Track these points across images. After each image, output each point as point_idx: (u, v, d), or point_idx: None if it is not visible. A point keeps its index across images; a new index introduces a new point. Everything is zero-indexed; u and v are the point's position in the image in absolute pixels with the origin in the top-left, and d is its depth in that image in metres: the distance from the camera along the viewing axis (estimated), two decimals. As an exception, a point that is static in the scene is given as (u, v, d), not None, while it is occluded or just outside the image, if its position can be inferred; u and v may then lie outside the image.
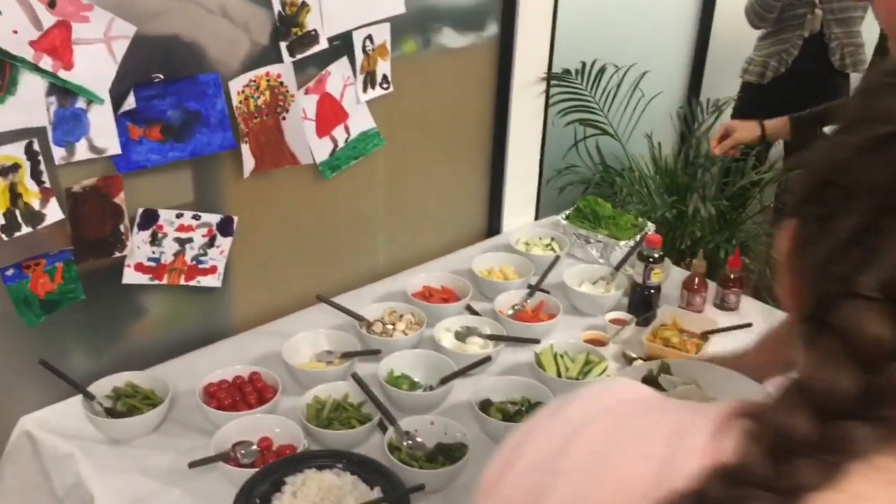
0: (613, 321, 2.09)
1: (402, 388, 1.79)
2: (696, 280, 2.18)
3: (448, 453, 1.58)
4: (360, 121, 2.12)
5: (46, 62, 1.52)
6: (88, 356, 1.82)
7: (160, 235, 1.83)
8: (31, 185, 1.59)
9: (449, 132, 2.40)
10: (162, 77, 1.71)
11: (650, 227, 2.42)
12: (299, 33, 1.90)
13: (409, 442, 1.60)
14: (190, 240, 1.88)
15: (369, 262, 2.35)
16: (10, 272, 1.63)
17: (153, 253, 1.84)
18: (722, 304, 2.22)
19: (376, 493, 1.42)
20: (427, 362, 1.86)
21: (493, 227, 2.66)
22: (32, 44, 1.50)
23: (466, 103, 2.42)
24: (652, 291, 2.14)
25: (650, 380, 1.52)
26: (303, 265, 2.19)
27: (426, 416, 1.66)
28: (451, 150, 2.44)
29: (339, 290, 2.26)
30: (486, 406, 1.72)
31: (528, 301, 2.15)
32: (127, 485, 1.54)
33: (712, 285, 2.24)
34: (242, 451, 1.57)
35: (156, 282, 1.86)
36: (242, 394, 1.73)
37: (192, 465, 1.50)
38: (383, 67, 2.11)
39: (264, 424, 1.64)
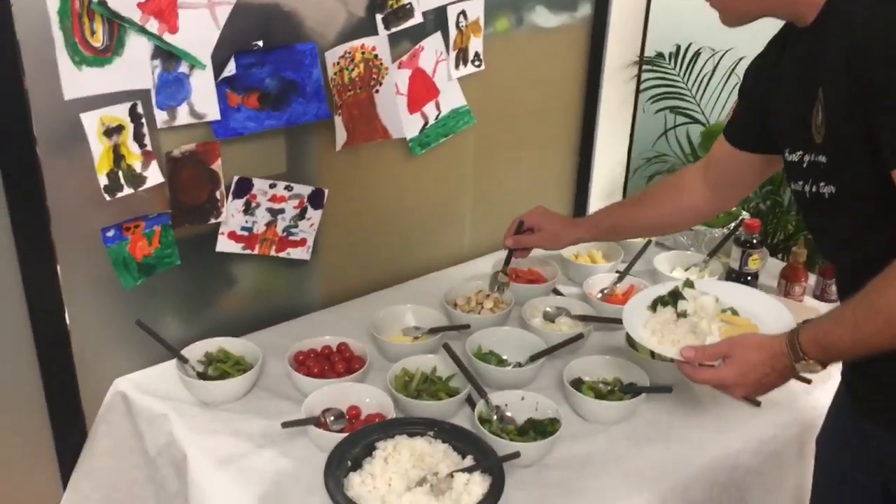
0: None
1: (489, 363, 1.75)
2: (797, 269, 2.09)
3: (539, 428, 1.54)
4: (452, 98, 2.10)
5: (153, 25, 1.55)
6: (181, 322, 1.84)
7: (253, 205, 1.84)
8: (133, 148, 1.62)
9: (538, 114, 2.36)
10: (261, 45, 1.72)
11: (745, 215, 2.33)
12: (395, 6, 1.89)
13: (499, 415, 1.57)
14: (282, 210, 1.89)
15: (455, 243, 2.33)
16: (110, 233, 1.65)
17: (246, 222, 1.85)
18: (822, 296, 2.12)
19: (468, 461, 1.39)
20: (516, 340, 1.82)
21: (578, 214, 2.60)
22: (140, 6, 1.52)
23: (557, 85, 2.38)
24: (749, 278, 2.06)
25: (675, 293, 1.54)
26: (389, 243, 2.18)
27: (517, 392, 1.62)
28: (540, 133, 2.40)
29: (424, 270, 2.25)
30: (577, 385, 1.67)
31: (618, 285, 2.09)
32: (219, 445, 1.54)
33: (812, 277, 2.15)
34: (332, 418, 1.56)
35: (248, 251, 1.88)
36: (331, 363, 1.72)
37: (285, 425, 1.50)
38: (476, 44, 2.09)
39: (353, 393, 1.63)
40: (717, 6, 1.36)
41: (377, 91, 1.93)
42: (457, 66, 2.08)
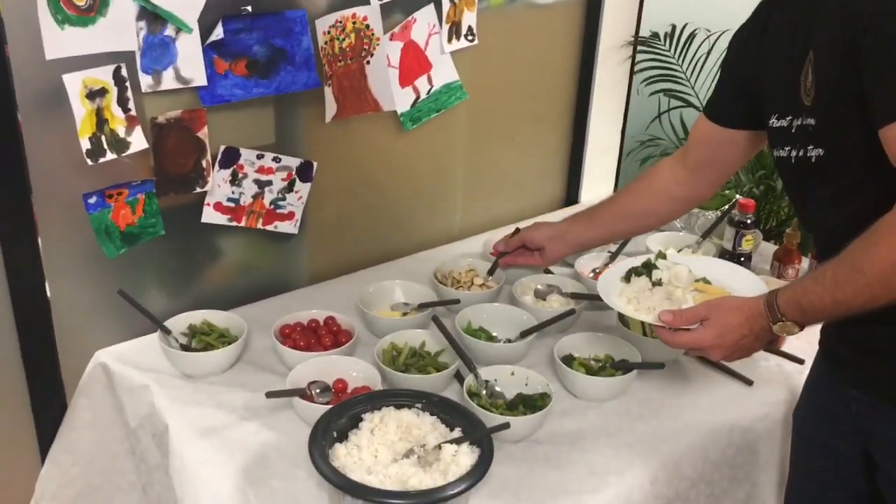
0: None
1: (479, 339, 1.72)
2: (790, 251, 2.06)
3: (530, 403, 1.51)
4: (444, 72, 2.07)
5: (138, -15, 1.51)
6: (165, 295, 1.81)
7: (240, 176, 1.80)
8: (117, 112, 1.58)
9: (531, 93, 2.33)
10: (250, 10, 1.68)
11: (738, 197, 2.31)
12: (387, -24, 1.86)
13: (489, 390, 1.54)
14: (269, 182, 1.86)
15: (446, 222, 2.30)
16: (92, 200, 1.61)
17: (233, 193, 1.81)
18: (815, 278, 2.09)
19: (456, 434, 1.36)
20: (506, 316, 1.79)
21: (570, 195, 2.58)
22: (125, -35, 1.48)
23: (551, 63, 2.35)
24: (742, 259, 2.04)
25: (648, 264, 1.54)
26: (378, 219, 2.14)
27: (506, 367, 1.59)
28: (533, 112, 2.37)
29: (414, 248, 2.22)
30: (568, 361, 1.65)
31: (610, 265, 2.06)
32: (201, 416, 1.51)
33: (805, 260, 2.13)
34: (318, 390, 1.52)
35: (234, 223, 1.84)
36: (317, 336, 1.69)
37: (270, 394, 1.46)
38: (469, 18, 2.06)
39: (340, 366, 1.59)
40: None
41: (368, 62, 1.90)
42: (449, 40, 2.04)
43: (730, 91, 1.54)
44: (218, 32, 1.63)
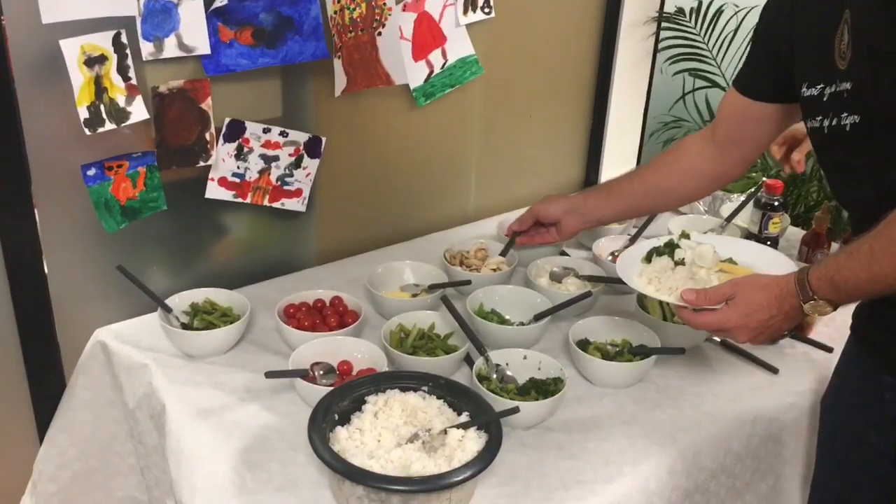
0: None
1: (492, 322, 1.65)
2: (820, 235, 1.97)
3: (542, 388, 1.44)
4: (459, 46, 1.99)
5: (138, -54, 1.45)
6: (168, 272, 1.75)
7: (246, 150, 1.74)
8: (116, 80, 1.52)
9: (550, 69, 2.25)
10: (255, -21, 1.61)
11: (765, 179, 2.22)
12: (400, -57, 1.78)
13: (500, 374, 1.47)
14: (276, 158, 1.79)
15: (460, 202, 2.22)
16: (91, 172, 1.56)
17: (238, 168, 1.75)
18: (845, 264, 2.00)
19: (464, 419, 1.29)
20: (519, 299, 1.72)
21: (590, 178, 2.49)
22: (125, -75, 1.42)
23: (570, 39, 2.27)
24: (769, 243, 1.95)
25: (671, 244, 1.47)
26: (390, 198, 2.07)
27: (518, 350, 1.52)
28: (552, 90, 2.29)
29: (427, 230, 2.15)
30: (583, 346, 1.57)
31: (629, 248, 1.98)
32: (200, 397, 1.45)
33: (835, 246, 2.04)
34: (321, 372, 1.46)
35: (239, 199, 1.78)
36: (323, 317, 1.63)
37: (269, 375, 1.40)
38: (486, -10, 1.98)
39: (345, 347, 1.53)
40: None
41: (380, 34, 1.83)
42: (465, 12, 1.97)
43: (762, 62, 1.47)
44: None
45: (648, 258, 1.47)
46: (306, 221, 1.93)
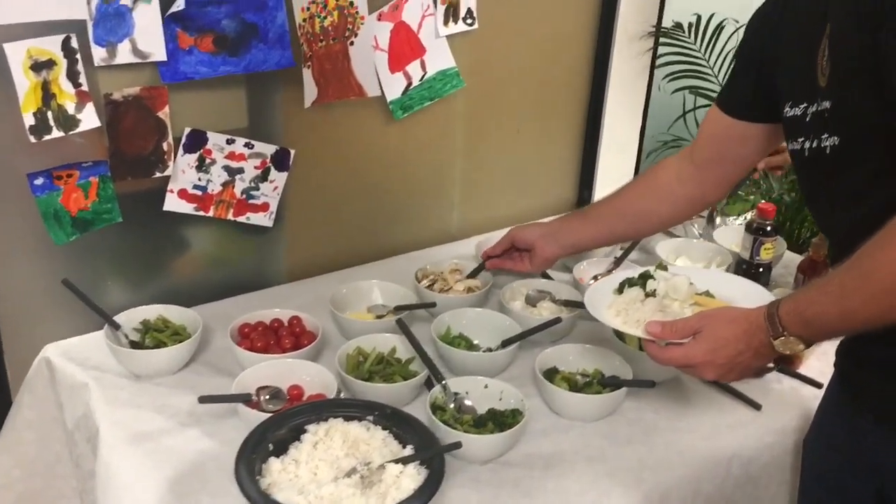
0: (712, 300, 1.80)
1: (458, 348, 1.56)
2: (817, 263, 1.86)
3: (500, 420, 1.34)
4: (439, 58, 1.92)
5: (88, -53, 1.39)
6: (126, 288, 1.68)
7: (208, 161, 1.67)
8: (66, 86, 1.46)
9: (540, 83, 2.17)
10: (218, -16, 1.55)
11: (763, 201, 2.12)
12: (375, -50, 1.71)
13: (457, 403, 1.38)
14: (241, 170, 1.72)
15: (441, 220, 2.14)
16: (39, 181, 1.50)
17: (199, 180, 1.68)
18: (844, 293, 1.89)
19: (408, 451, 1.21)
20: (489, 323, 1.63)
21: (582, 197, 2.40)
22: (73, -75, 1.36)
23: (561, 53, 2.18)
24: (761, 270, 1.84)
25: (645, 275, 1.39)
26: (366, 215, 2.00)
27: (479, 378, 1.43)
28: (542, 105, 2.21)
29: (406, 248, 2.06)
30: (551, 374, 1.48)
31: (613, 272, 1.88)
32: (137, 420, 1.37)
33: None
34: (267, 396, 1.38)
35: (201, 213, 1.71)
36: (278, 337, 1.55)
37: (203, 399, 1.32)
38: (468, 0, 1.90)
39: (297, 371, 1.45)
40: None
41: (352, 43, 1.75)
42: (445, 23, 1.89)
43: (745, 79, 1.39)
44: (179, 3, 1.50)
45: (620, 289, 1.38)
46: (275, 237, 1.85)
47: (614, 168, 2.44)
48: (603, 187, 2.41)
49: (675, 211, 1.61)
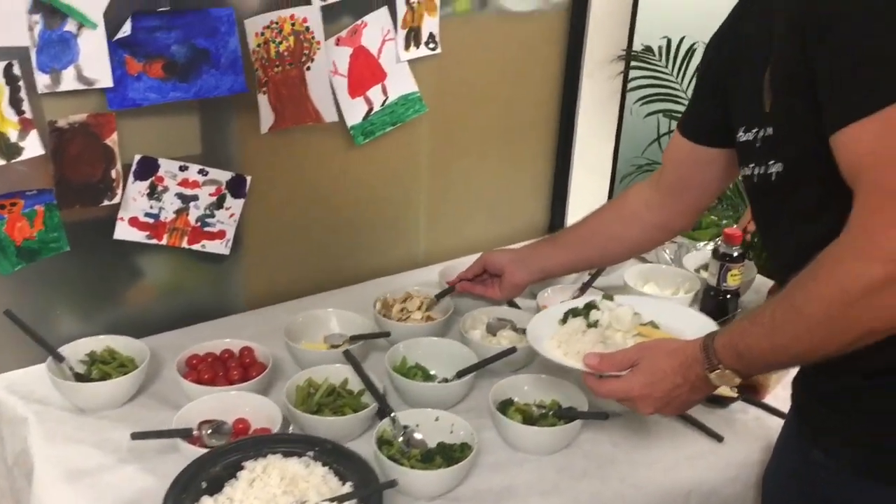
0: (679, 327, 1.76)
1: (413, 378, 1.52)
2: (785, 287, 1.82)
3: (448, 454, 1.30)
4: (401, 82, 1.89)
5: (29, -27, 1.37)
6: (74, 319, 1.64)
7: (160, 188, 1.64)
8: (8, 114, 1.43)
9: (508, 108, 2.14)
10: (168, 7, 1.53)
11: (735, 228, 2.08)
12: (331, -26, 1.69)
13: (406, 437, 1.34)
14: (195, 197, 1.69)
15: (407, 246, 2.10)
16: (-19, 210, 1.47)
17: (151, 208, 1.65)
18: (815, 319, 1.85)
19: (347, 489, 1.16)
20: (447, 353, 1.59)
21: (555, 222, 2.37)
22: (13, -50, 1.34)
23: (530, 77, 2.16)
24: (728, 296, 1.80)
25: (590, 304, 1.38)
26: (329, 242, 1.96)
27: (430, 411, 1.39)
28: (510, 129, 2.18)
29: (371, 275, 2.02)
30: (505, 406, 1.44)
31: (547, 309, 1.84)
32: (75, 456, 1.33)
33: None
34: (209, 431, 1.34)
35: (154, 241, 1.67)
36: (226, 368, 1.51)
37: (135, 436, 1.28)
38: (430, 24, 1.88)
39: (244, 404, 1.41)
40: None
41: (308, 68, 1.73)
42: (407, 48, 1.87)
43: (704, 104, 1.38)
44: (126, 29, 1.48)
45: (564, 319, 1.35)
46: (233, 265, 1.82)
47: (587, 192, 2.41)
48: (576, 211, 2.37)
49: (645, 237, 1.58)
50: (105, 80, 1.49)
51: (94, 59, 1.47)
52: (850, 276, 0.89)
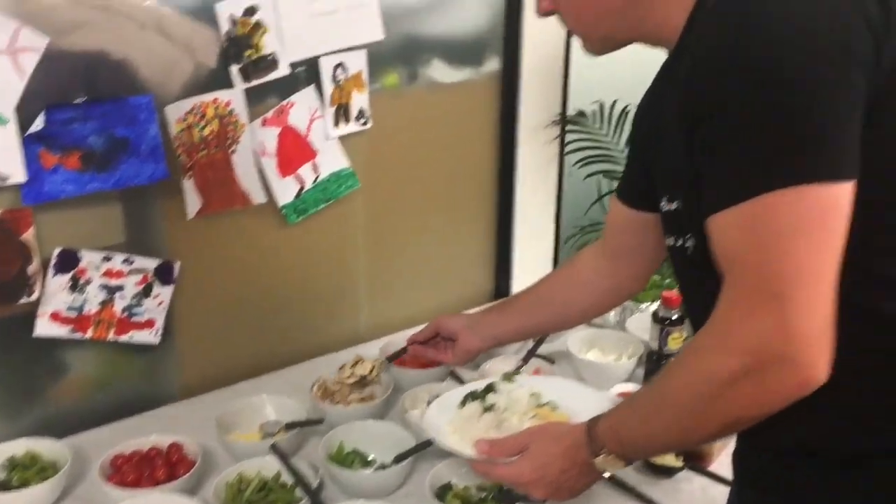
0: (623, 395, 1.73)
1: (350, 466, 1.47)
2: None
3: (382, 550, 1.25)
4: (332, 159, 1.88)
5: (-68, 71, 1.34)
6: (-4, 419, 1.57)
7: (82, 281, 1.59)
8: (-85, 215, 1.38)
9: (445, 178, 2.13)
10: (85, 98, 1.50)
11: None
12: (254, 56, 1.68)
13: (338, 534, 1.29)
14: (120, 287, 1.64)
15: (347, 323, 2.07)
16: None
17: (74, 301, 1.60)
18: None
19: None
20: (385, 436, 1.54)
21: (500, 288, 2.35)
22: (-86, 50, 1.31)
23: (465, 146, 2.16)
24: (670, 360, 1.78)
25: (490, 387, 1.36)
26: (266, 323, 1.92)
27: (360, 501, 1.33)
28: (449, 199, 2.17)
29: (313, 353, 1.98)
30: (444, 492, 1.39)
31: (523, 369, 1.81)
32: (-15, 575, 1.26)
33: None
34: (131, 539, 1.27)
35: (79, 335, 1.62)
36: (152, 468, 1.44)
37: (46, 553, 1.21)
38: (359, 100, 1.88)
39: (169, 506, 1.35)
40: (574, 31, 1.16)
41: (234, 151, 1.71)
42: (336, 124, 1.86)
43: (634, 169, 1.37)
44: (38, 123, 1.45)
45: (463, 403, 1.32)
46: (165, 353, 1.76)
47: (532, 256, 2.40)
48: (521, 276, 2.36)
49: (597, 302, 1.56)
50: (18, 175, 1.45)
51: (5, 155, 1.44)
52: (710, 368, 0.89)
